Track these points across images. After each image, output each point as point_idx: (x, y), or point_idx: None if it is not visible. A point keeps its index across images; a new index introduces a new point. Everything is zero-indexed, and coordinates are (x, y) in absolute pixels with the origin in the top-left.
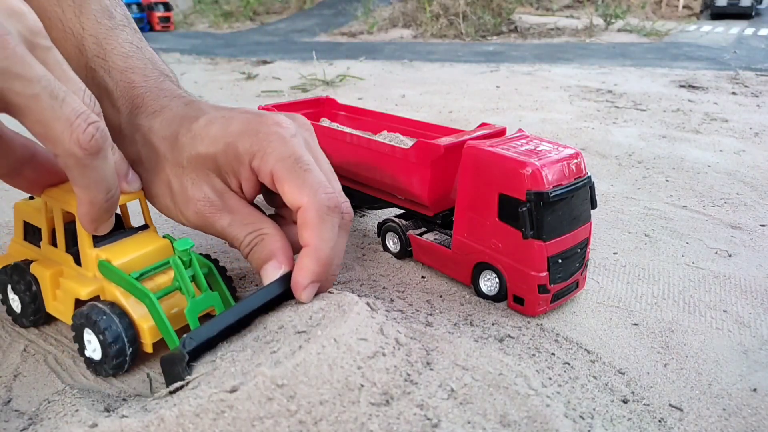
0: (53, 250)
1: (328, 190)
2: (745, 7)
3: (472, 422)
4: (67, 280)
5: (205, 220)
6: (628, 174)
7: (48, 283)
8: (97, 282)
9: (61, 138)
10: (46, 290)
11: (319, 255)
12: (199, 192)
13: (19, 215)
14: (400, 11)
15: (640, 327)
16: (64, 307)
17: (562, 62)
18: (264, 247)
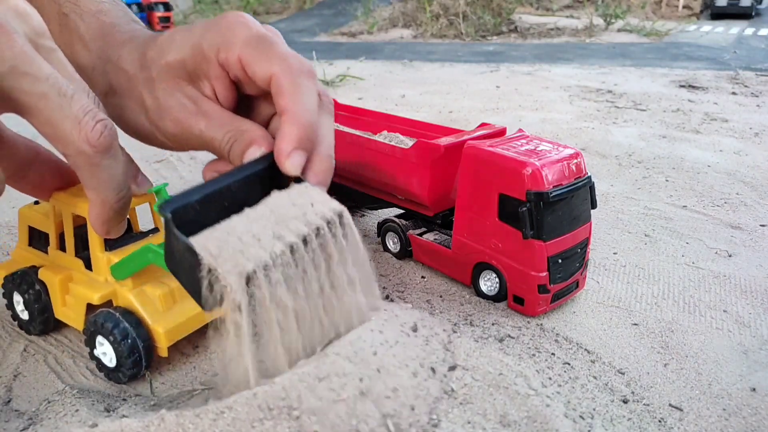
0: (62, 255)
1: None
2: (745, 7)
3: (472, 422)
4: (77, 285)
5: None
6: (628, 174)
7: (57, 288)
8: (109, 286)
9: (71, 136)
10: (55, 296)
11: (298, 119)
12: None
13: (24, 220)
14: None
15: (640, 327)
16: (74, 314)
17: (562, 62)
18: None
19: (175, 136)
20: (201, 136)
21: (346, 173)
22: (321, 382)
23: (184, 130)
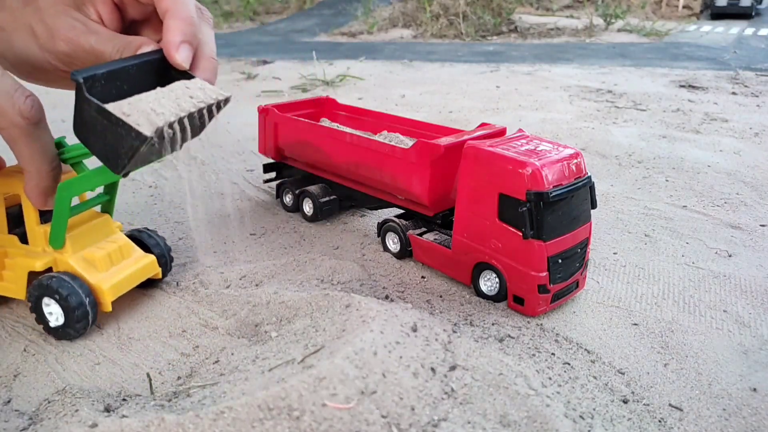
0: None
1: None
2: (745, 7)
3: (472, 422)
4: (15, 259)
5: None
6: (628, 174)
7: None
8: (48, 255)
9: (5, 109)
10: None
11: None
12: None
13: None
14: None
15: (640, 327)
16: (15, 285)
17: (562, 62)
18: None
19: (67, 55)
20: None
21: (347, 173)
22: (321, 382)
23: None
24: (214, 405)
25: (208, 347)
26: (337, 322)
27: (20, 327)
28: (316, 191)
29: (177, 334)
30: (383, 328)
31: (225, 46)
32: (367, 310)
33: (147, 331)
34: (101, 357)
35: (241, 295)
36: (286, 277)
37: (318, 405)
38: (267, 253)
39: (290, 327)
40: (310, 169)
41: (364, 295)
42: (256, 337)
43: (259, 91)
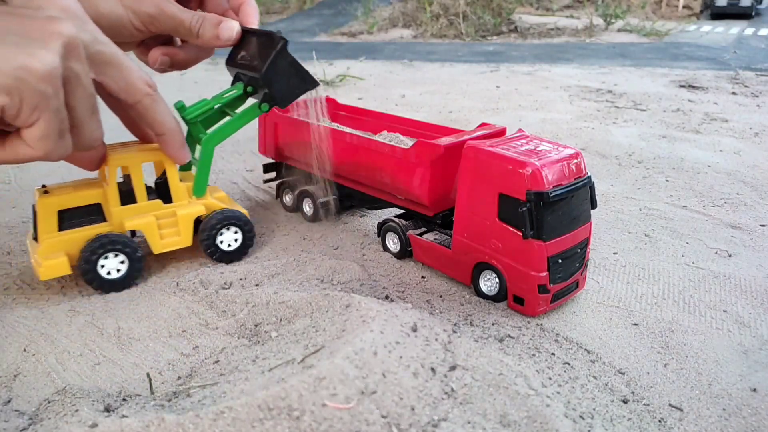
0: (129, 208)
1: None
2: (745, 7)
3: (472, 422)
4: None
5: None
6: (628, 174)
7: (154, 228)
8: (199, 203)
9: (137, 82)
10: (153, 236)
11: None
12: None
13: (49, 209)
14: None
15: (640, 327)
16: (182, 236)
17: (562, 62)
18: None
19: (150, 16)
20: (174, 16)
21: (346, 173)
22: (321, 382)
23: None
24: (214, 405)
25: (208, 347)
26: (337, 322)
27: (20, 327)
28: (316, 191)
29: (177, 334)
30: (383, 328)
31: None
32: (367, 310)
33: (147, 331)
34: (101, 357)
35: (241, 295)
36: (286, 277)
37: (318, 405)
38: (267, 253)
39: (290, 327)
40: (310, 169)
41: (364, 295)
42: (256, 337)
43: None
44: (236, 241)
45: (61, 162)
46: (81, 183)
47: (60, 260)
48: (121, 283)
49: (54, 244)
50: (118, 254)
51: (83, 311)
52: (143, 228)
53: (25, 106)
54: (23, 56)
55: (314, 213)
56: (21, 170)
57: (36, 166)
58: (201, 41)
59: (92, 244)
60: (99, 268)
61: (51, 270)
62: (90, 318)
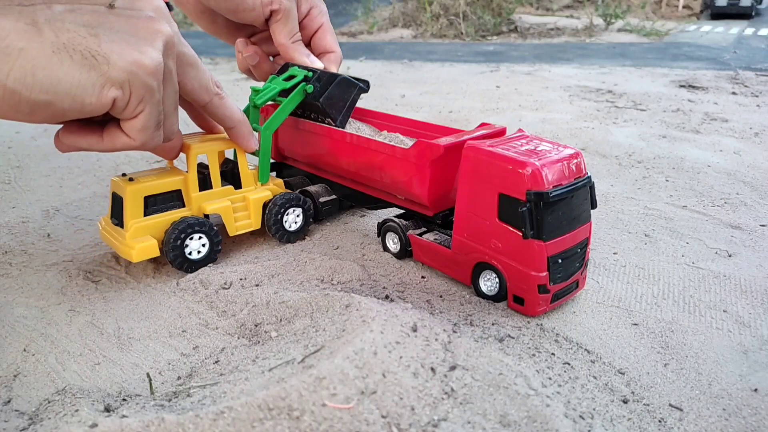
0: (208, 193)
1: None
2: (745, 7)
3: (472, 422)
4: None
5: None
6: (628, 174)
7: (230, 212)
8: (265, 189)
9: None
10: (229, 219)
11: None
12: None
13: (136, 195)
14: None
15: (640, 327)
16: (253, 218)
17: (562, 62)
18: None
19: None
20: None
21: (347, 173)
22: (321, 382)
23: None
24: (214, 405)
25: (208, 347)
26: (337, 322)
27: (20, 327)
28: (316, 191)
29: (177, 334)
30: (383, 328)
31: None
32: (367, 310)
33: (147, 331)
34: (101, 357)
35: (241, 295)
36: (286, 277)
37: (318, 405)
38: (267, 253)
39: (290, 327)
40: (310, 169)
41: (364, 295)
42: (256, 337)
43: None
44: (297, 223)
45: (59, 160)
46: (160, 171)
47: (150, 243)
48: (203, 262)
49: (141, 228)
50: (201, 236)
51: (83, 311)
52: (221, 212)
53: (133, 99)
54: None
55: (314, 213)
56: (21, 170)
57: (36, 167)
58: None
59: (177, 226)
60: (184, 249)
61: (143, 252)
62: (90, 318)
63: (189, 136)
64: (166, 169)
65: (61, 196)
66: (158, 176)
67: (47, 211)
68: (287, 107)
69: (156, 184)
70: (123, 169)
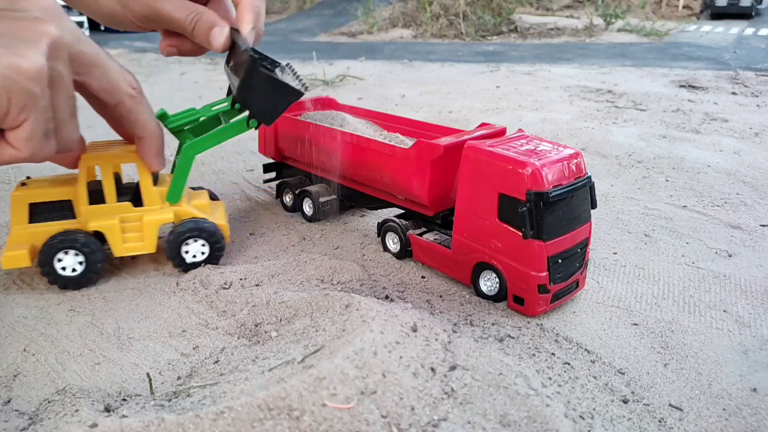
0: (100, 208)
1: None
2: (745, 7)
3: (472, 422)
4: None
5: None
6: (628, 174)
7: (118, 230)
8: (170, 210)
9: (118, 83)
10: (115, 238)
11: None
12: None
13: (21, 201)
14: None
15: (640, 327)
16: (146, 241)
17: (562, 62)
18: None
19: (145, 17)
20: (168, 16)
21: (346, 173)
22: (321, 382)
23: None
24: (214, 405)
25: (208, 347)
26: (337, 322)
27: (20, 326)
28: (316, 191)
29: (177, 334)
30: (383, 328)
31: None
32: (367, 310)
33: (147, 331)
34: (101, 357)
35: (241, 295)
36: (286, 277)
37: (318, 405)
38: (267, 253)
39: (290, 327)
40: (309, 169)
41: (364, 295)
42: (256, 337)
43: None
44: (203, 254)
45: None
46: (58, 179)
47: (21, 252)
48: (77, 281)
49: (22, 235)
50: (77, 253)
51: (83, 311)
52: (104, 230)
53: (13, 106)
54: (12, 56)
55: (314, 213)
56: (21, 170)
57: (35, 166)
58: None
59: (52, 239)
60: (55, 263)
61: (11, 260)
62: (90, 318)
63: (100, 145)
64: (69, 176)
65: None
66: (52, 183)
67: None
68: (223, 135)
69: (44, 192)
70: None
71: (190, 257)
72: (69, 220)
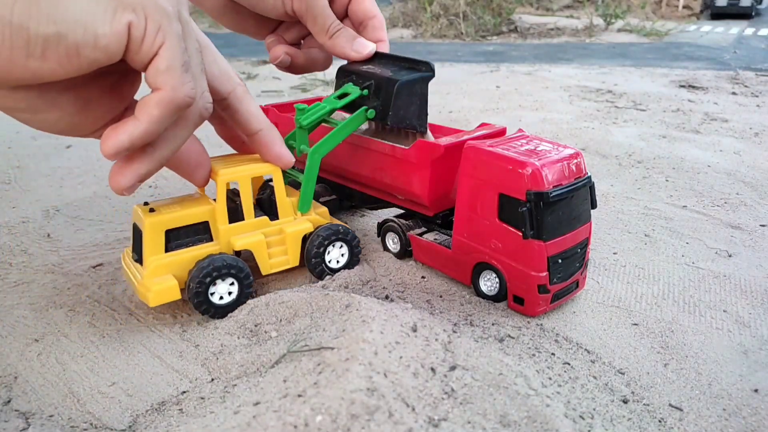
0: (238, 226)
1: None
2: (745, 7)
3: (472, 422)
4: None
5: None
6: (628, 174)
7: (264, 248)
8: (305, 220)
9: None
10: (262, 256)
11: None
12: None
13: (157, 229)
14: (400, 11)
15: (640, 327)
16: (290, 254)
17: (562, 62)
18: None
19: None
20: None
21: (346, 173)
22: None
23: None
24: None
25: (208, 347)
26: (337, 322)
27: (20, 327)
28: (316, 191)
29: (177, 334)
30: (383, 328)
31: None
32: (367, 310)
33: (147, 331)
34: (101, 357)
35: None
36: (286, 277)
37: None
38: None
39: (290, 327)
40: None
41: (364, 295)
42: (256, 337)
43: (260, 91)
44: (343, 257)
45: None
46: (185, 200)
47: (170, 284)
48: (232, 306)
49: (162, 266)
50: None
51: (83, 311)
52: (252, 247)
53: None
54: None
55: None
56: (21, 170)
57: (36, 167)
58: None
59: (201, 267)
60: (209, 294)
61: (161, 295)
62: (90, 318)
63: (220, 159)
64: (193, 196)
65: (61, 196)
66: (183, 206)
67: (47, 211)
68: (344, 131)
69: (179, 215)
70: None
71: (330, 263)
72: (208, 243)
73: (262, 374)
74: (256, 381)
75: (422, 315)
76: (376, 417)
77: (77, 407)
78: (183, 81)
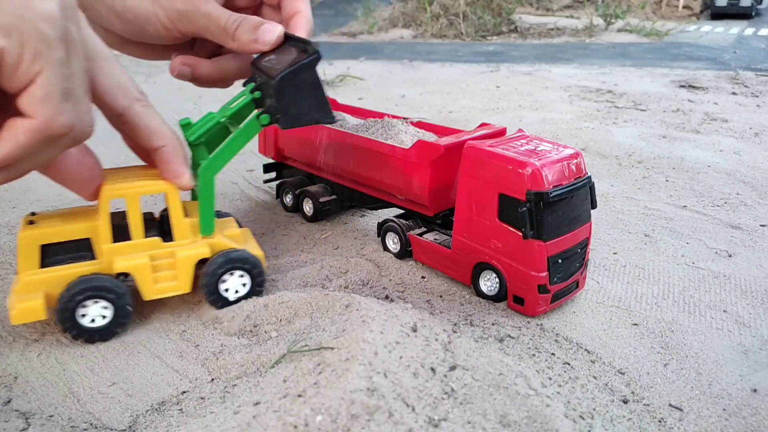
0: (124, 245)
1: None
2: (745, 7)
3: (472, 422)
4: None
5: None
6: (628, 174)
7: (148, 271)
8: (204, 243)
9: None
10: (145, 280)
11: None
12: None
13: (31, 243)
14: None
15: (640, 327)
16: (180, 279)
17: (562, 62)
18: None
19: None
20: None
21: (347, 173)
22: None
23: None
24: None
25: (208, 347)
26: (337, 322)
27: (20, 327)
28: (316, 191)
29: (177, 334)
30: (383, 328)
31: None
32: (367, 310)
33: (147, 331)
34: (101, 357)
35: None
36: (285, 277)
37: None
38: (266, 253)
39: (290, 327)
40: (309, 169)
41: (364, 295)
42: (256, 337)
43: None
44: (244, 287)
45: None
46: (71, 213)
47: (35, 303)
48: (104, 332)
49: (32, 283)
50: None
51: None
52: (132, 270)
53: (26, 51)
54: None
55: (314, 213)
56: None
57: None
58: (236, 44)
59: (71, 287)
60: (79, 317)
61: (24, 314)
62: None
63: (118, 171)
64: (88, 209)
65: (61, 196)
66: (65, 220)
67: None
68: (237, 143)
69: (57, 230)
70: None
71: (231, 293)
72: (89, 262)
73: (262, 374)
74: (256, 381)
75: (422, 315)
76: (376, 417)
77: (77, 407)
78: (60, 111)
